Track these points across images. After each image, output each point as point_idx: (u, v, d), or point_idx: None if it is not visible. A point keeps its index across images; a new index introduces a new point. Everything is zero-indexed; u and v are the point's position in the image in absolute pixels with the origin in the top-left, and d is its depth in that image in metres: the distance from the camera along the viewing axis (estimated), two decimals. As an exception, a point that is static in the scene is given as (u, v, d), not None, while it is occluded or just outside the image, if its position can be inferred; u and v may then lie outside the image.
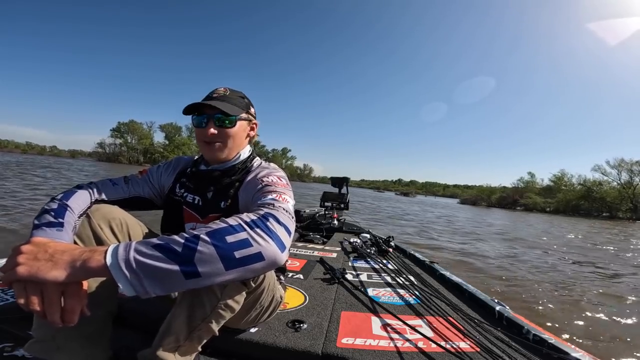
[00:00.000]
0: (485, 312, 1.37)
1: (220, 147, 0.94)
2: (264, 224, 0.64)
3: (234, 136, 0.94)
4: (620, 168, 40.61)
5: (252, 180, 0.93)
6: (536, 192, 48.35)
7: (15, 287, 0.55)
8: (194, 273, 0.55)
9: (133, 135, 70.66)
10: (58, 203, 0.78)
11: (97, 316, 0.77)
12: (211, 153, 0.95)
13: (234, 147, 0.96)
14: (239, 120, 0.95)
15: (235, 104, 0.95)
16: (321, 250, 2.39)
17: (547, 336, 1.08)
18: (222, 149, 0.94)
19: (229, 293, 0.75)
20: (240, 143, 0.99)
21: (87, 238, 0.79)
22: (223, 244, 0.58)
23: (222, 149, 0.94)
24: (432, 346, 1.02)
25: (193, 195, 1.01)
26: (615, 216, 34.35)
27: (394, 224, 10.24)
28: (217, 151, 0.94)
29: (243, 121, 0.97)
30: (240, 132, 0.96)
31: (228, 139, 0.94)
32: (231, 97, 0.95)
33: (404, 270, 1.86)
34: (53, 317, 0.55)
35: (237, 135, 0.95)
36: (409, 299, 1.46)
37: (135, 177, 1.02)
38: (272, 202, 0.74)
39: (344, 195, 3.77)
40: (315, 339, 1.02)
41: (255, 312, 0.96)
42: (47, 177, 13.85)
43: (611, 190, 38.90)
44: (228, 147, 0.95)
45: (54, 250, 0.57)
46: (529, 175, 55.21)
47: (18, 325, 0.97)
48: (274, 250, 0.62)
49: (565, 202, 39.84)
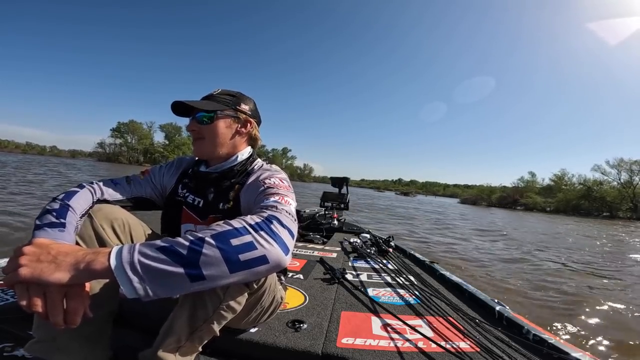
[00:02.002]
0: (485, 312, 1.37)
1: (203, 143, 0.97)
2: (268, 227, 0.64)
3: (214, 132, 0.96)
4: (620, 167, 40.56)
5: (254, 182, 0.93)
6: (536, 191, 48.26)
7: (18, 288, 0.54)
8: (198, 276, 0.55)
9: (133, 135, 70.65)
10: (60, 203, 0.78)
11: (98, 316, 0.77)
12: (196, 149, 0.99)
13: (218, 143, 0.97)
14: (221, 117, 0.97)
15: (218, 101, 0.98)
16: (321, 250, 2.39)
17: (547, 336, 1.08)
18: (206, 145, 0.97)
19: (231, 294, 0.75)
20: (226, 140, 0.99)
21: (89, 238, 0.79)
22: (228, 247, 0.58)
23: (205, 144, 0.97)
24: (432, 346, 1.02)
25: (194, 196, 1.01)
26: (616, 216, 34.29)
27: (388, 221, 10.42)
28: (200, 147, 0.98)
29: (226, 118, 0.98)
30: (222, 128, 0.97)
31: (209, 135, 0.96)
32: (217, 96, 0.99)
33: (404, 270, 1.87)
34: (56, 318, 0.55)
35: (220, 131, 0.97)
36: (409, 299, 1.46)
37: (137, 177, 1.02)
38: (275, 204, 0.74)
39: (344, 195, 3.77)
40: (315, 339, 1.02)
41: (256, 312, 0.96)
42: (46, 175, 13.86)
43: (611, 190, 38.82)
44: (212, 143, 0.97)
45: (57, 252, 0.56)
46: (529, 175, 55.21)
47: (18, 325, 0.97)
48: (278, 253, 0.62)
49: (566, 202, 39.75)
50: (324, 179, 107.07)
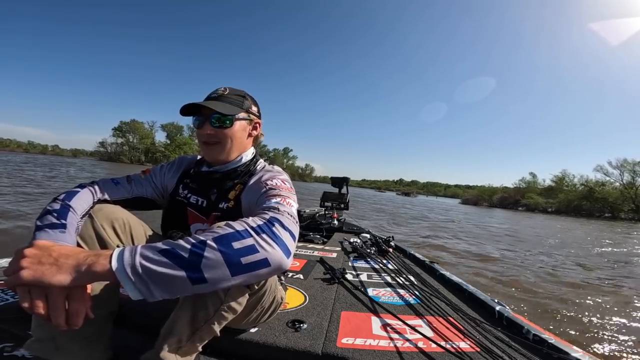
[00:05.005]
0: (485, 312, 1.37)
1: (219, 147, 0.94)
2: (270, 230, 0.64)
3: (233, 136, 0.94)
4: (623, 168, 40.39)
5: (256, 183, 0.92)
6: (538, 192, 48.13)
7: (19, 290, 0.54)
8: (200, 279, 0.56)
9: (135, 135, 70.62)
10: (60, 204, 0.78)
11: (98, 317, 0.77)
12: (210, 154, 0.96)
13: (233, 147, 0.96)
14: (238, 120, 0.94)
15: (233, 103, 0.94)
16: (321, 250, 2.39)
17: (547, 336, 1.08)
18: (221, 150, 0.94)
19: (232, 295, 0.75)
20: (241, 143, 0.98)
21: (89, 239, 0.79)
22: (230, 250, 0.58)
23: (221, 149, 0.94)
24: (432, 346, 1.02)
25: (197, 196, 1.01)
26: (618, 217, 34.15)
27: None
28: (216, 152, 0.95)
29: (242, 121, 0.96)
30: (239, 131, 0.96)
31: (226, 139, 0.93)
32: (229, 97, 0.95)
33: (404, 270, 1.86)
34: (58, 320, 0.55)
35: (236, 135, 0.95)
36: (409, 299, 1.46)
37: (138, 177, 1.02)
38: (277, 206, 0.74)
39: (344, 195, 3.77)
40: (315, 339, 1.02)
41: (257, 312, 0.96)
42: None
43: (613, 191, 38.65)
44: (227, 148, 0.95)
45: (58, 254, 0.56)
46: (530, 176, 55.08)
47: (18, 325, 0.97)
48: (279, 256, 0.62)
49: (567, 203, 39.62)
50: (325, 179, 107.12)
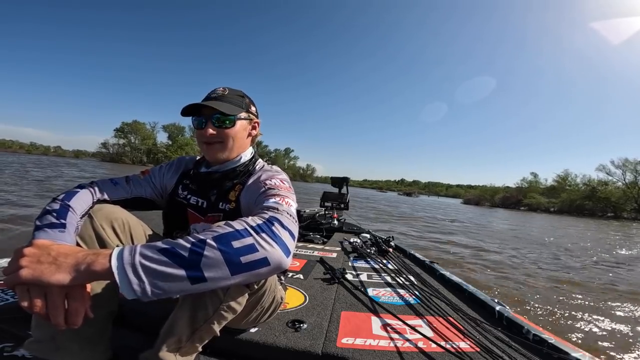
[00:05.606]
0: (485, 312, 1.36)
1: (220, 147, 0.94)
2: (270, 229, 0.64)
3: (234, 136, 0.95)
4: (625, 168, 40.31)
5: (255, 183, 0.92)
6: (540, 192, 48.01)
7: (18, 290, 0.54)
8: (200, 278, 0.56)
9: (136, 136, 70.88)
10: (60, 203, 0.78)
11: (98, 316, 0.77)
12: (211, 154, 0.96)
13: (234, 147, 0.96)
14: (238, 120, 0.95)
15: (234, 103, 0.95)
16: (321, 250, 2.39)
17: (547, 336, 1.07)
18: (223, 149, 0.95)
19: (231, 295, 0.75)
20: (242, 143, 0.99)
21: (89, 238, 0.79)
22: (229, 249, 0.58)
23: (222, 149, 0.95)
24: (432, 346, 1.02)
25: (197, 197, 1.01)
26: (620, 216, 34.02)
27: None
28: (217, 152, 0.95)
29: (243, 120, 0.97)
30: (240, 131, 0.96)
31: (228, 139, 0.94)
32: (229, 97, 0.95)
33: (404, 270, 1.86)
34: (57, 319, 0.55)
35: (238, 135, 0.96)
36: (409, 299, 1.46)
37: (137, 177, 1.02)
38: (276, 205, 0.74)
39: (344, 195, 3.76)
40: (315, 339, 1.02)
41: (256, 312, 0.96)
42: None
43: (616, 190, 38.53)
44: (228, 148, 0.95)
45: (57, 253, 0.56)
46: (532, 176, 54.95)
47: (18, 325, 0.97)
48: (279, 255, 0.62)
49: (570, 202, 39.50)
50: (326, 179, 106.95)
